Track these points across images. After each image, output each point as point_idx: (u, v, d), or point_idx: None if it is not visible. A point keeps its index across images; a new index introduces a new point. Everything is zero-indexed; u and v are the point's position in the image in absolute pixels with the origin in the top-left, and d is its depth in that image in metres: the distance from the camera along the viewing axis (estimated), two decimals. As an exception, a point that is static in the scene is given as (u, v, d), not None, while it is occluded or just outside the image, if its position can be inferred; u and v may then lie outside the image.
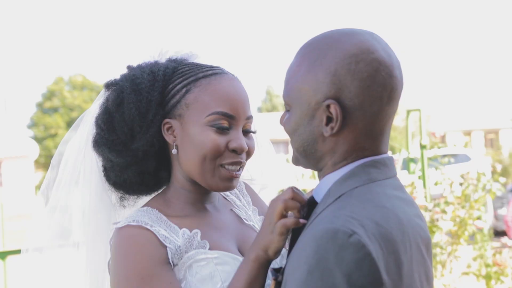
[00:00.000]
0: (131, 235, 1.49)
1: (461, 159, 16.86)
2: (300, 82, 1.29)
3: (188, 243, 1.52)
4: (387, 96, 1.26)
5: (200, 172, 1.56)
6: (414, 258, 1.24)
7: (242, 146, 1.56)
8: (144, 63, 1.66)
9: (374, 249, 1.14)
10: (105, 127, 1.60)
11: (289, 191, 1.36)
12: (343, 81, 1.24)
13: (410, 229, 1.25)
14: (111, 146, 1.60)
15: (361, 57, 1.24)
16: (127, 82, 1.60)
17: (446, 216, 5.68)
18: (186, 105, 1.58)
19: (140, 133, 1.58)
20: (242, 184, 1.83)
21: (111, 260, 1.52)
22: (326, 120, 1.27)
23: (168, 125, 1.59)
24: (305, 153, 1.33)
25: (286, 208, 1.34)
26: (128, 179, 1.63)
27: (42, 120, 37.80)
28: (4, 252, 4.77)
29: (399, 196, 1.29)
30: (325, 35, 1.31)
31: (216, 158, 1.55)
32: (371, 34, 1.30)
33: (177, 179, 1.62)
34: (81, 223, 1.72)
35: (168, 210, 1.58)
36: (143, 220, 1.51)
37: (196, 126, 1.56)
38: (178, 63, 1.67)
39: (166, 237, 1.50)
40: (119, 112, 1.58)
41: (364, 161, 1.29)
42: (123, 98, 1.58)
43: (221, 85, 1.59)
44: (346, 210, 1.20)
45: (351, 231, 1.15)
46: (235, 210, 1.72)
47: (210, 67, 1.64)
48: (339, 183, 1.29)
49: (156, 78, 1.60)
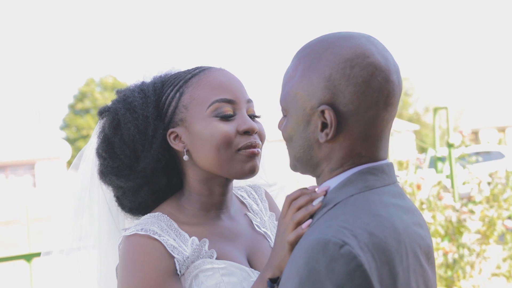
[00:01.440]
0: (139, 244, 1.47)
1: (494, 156, 16.61)
2: (295, 87, 1.27)
3: (196, 252, 1.50)
4: (383, 101, 1.22)
5: (220, 164, 1.53)
6: (411, 268, 1.20)
7: (252, 125, 1.54)
8: (132, 85, 1.66)
9: (367, 260, 1.12)
10: (107, 155, 1.58)
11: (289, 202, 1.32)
12: (337, 86, 1.22)
13: (407, 238, 1.21)
14: (118, 173, 1.57)
15: (356, 62, 1.21)
16: (119, 104, 1.59)
17: (474, 216, 5.58)
18: (184, 107, 1.57)
19: (144, 152, 1.56)
20: (262, 189, 1.81)
21: (119, 267, 1.51)
22: (321, 126, 1.24)
23: (174, 134, 1.57)
24: (301, 160, 1.30)
25: (295, 219, 1.29)
26: (143, 201, 1.61)
27: (74, 122, 38.31)
28: (30, 255, 4.81)
29: (397, 204, 1.26)
30: (321, 39, 1.28)
31: (230, 146, 1.53)
32: (368, 37, 1.26)
33: (191, 185, 1.59)
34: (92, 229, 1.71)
35: (180, 216, 1.56)
36: (152, 229, 1.48)
37: (200, 122, 1.54)
38: (164, 76, 1.67)
39: (175, 247, 1.48)
40: (118, 136, 1.56)
41: (362, 168, 1.25)
42: (119, 120, 1.57)
43: (212, 76, 1.59)
44: (339, 219, 1.17)
45: (342, 242, 1.12)
46: (249, 215, 1.69)
47: (196, 67, 1.64)
48: (335, 190, 1.26)
49: (147, 94, 1.59)
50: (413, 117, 39.36)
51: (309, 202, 1.29)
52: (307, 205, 1.29)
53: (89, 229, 1.72)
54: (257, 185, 1.83)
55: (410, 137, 33.42)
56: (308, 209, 1.27)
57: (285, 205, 1.34)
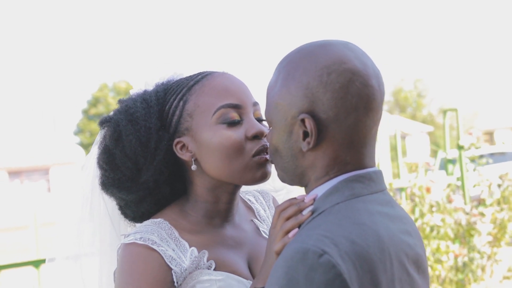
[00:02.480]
0: (137, 254, 1.45)
1: (509, 157, 16.45)
2: (276, 98, 1.26)
3: (195, 263, 1.48)
4: (363, 106, 1.21)
5: (231, 172, 1.49)
6: (396, 277, 1.18)
7: (261, 129, 1.49)
8: (134, 94, 1.61)
9: (347, 269, 1.10)
10: (108, 167, 1.54)
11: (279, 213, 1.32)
12: (315, 93, 1.21)
13: (392, 247, 1.19)
14: (119, 185, 1.54)
15: (333, 68, 1.20)
16: (121, 114, 1.54)
17: (485, 219, 5.53)
18: (189, 115, 1.52)
19: (145, 164, 1.51)
20: (270, 196, 1.78)
21: (116, 274, 1.50)
22: (302, 135, 1.23)
23: (180, 144, 1.53)
24: (287, 170, 1.29)
25: (284, 229, 1.28)
26: (146, 212, 1.58)
27: (88, 127, 38.55)
28: (38, 261, 4.80)
29: (384, 212, 1.24)
30: (300, 48, 1.28)
31: (242, 153, 1.48)
32: (346, 44, 1.26)
33: (197, 193, 1.55)
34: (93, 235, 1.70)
35: (183, 223, 1.53)
36: (151, 239, 1.46)
37: (206, 130, 1.49)
38: (167, 84, 1.62)
39: (173, 258, 1.46)
40: (119, 148, 1.52)
41: (348, 175, 1.24)
42: (120, 132, 1.52)
43: (216, 81, 1.53)
44: (320, 228, 1.16)
45: (322, 251, 1.10)
46: (256, 221, 1.67)
47: (198, 73, 1.60)
48: (321, 199, 1.25)
49: (149, 104, 1.54)
50: (427, 119, 39.16)
51: (297, 212, 1.28)
52: (296, 215, 1.28)
53: (91, 239, 1.70)
54: (265, 190, 1.80)
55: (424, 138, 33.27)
56: (298, 218, 1.26)
57: (275, 216, 1.33)
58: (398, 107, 42.86)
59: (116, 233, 1.67)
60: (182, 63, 1.72)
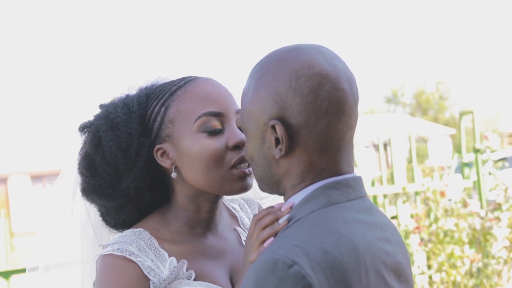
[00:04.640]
0: (114, 265, 1.43)
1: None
2: (248, 105, 1.24)
3: (174, 274, 1.45)
4: (334, 110, 1.18)
5: (210, 182, 1.46)
6: (372, 286, 1.15)
7: (242, 138, 1.46)
8: (116, 99, 1.58)
9: (317, 280, 1.07)
10: (88, 173, 1.52)
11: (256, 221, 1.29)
12: (285, 99, 1.18)
13: (368, 255, 1.16)
14: (99, 191, 1.52)
15: (302, 73, 1.18)
16: (101, 120, 1.51)
17: (502, 223, 5.44)
18: (170, 122, 1.49)
19: (126, 171, 1.49)
20: (256, 204, 1.76)
21: (95, 285, 1.48)
22: (274, 141, 1.21)
23: (161, 151, 1.50)
24: (263, 179, 1.27)
25: (260, 238, 1.26)
26: (127, 219, 1.57)
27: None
28: (7, 272, 4.44)
29: (361, 220, 1.21)
30: (271, 54, 1.25)
31: (221, 164, 1.45)
32: (316, 47, 1.23)
33: (178, 201, 1.53)
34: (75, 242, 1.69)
35: (164, 232, 1.51)
36: (129, 249, 1.44)
37: (187, 137, 1.47)
38: (150, 88, 1.59)
39: (151, 268, 1.44)
40: (99, 154, 1.50)
41: (325, 182, 1.21)
42: (100, 138, 1.49)
43: (199, 88, 1.50)
44: (293, 237, 1.13)
45: (291, 262, 1.08)
46: (239, 230, 1.64)
47: (181, 78, 1.56)
48: (298, 207, 1.22)
49: (131, 109, 1.52)
50: (450, 121, 38.79)
51: (274, 221, 1.25)
52: (272, 224, 1.25)
53: (73, 248, 1.69)
54: (251, 198, 1.77)
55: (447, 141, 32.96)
56: (274, 227, 1.24)
57: (252, 225, 1.30)
58: (420, 110, 42.55)
59: (97, 239, 1.65)
60: (168, 67, 1.70)
